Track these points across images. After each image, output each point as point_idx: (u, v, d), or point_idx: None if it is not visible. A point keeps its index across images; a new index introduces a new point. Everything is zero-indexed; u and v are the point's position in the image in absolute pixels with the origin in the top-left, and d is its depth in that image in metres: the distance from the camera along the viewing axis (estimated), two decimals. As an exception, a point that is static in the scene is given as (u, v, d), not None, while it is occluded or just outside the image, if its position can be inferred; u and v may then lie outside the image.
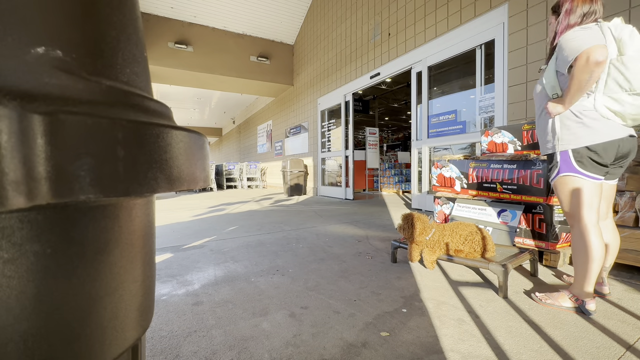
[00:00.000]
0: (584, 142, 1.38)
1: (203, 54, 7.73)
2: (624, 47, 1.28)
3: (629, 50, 1.27)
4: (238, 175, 11.33)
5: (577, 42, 1.31)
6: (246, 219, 4.15)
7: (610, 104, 1.33)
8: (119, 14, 0.36)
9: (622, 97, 1.29)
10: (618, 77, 1.29)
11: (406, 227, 2.01)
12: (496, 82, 3.56)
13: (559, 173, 1.47)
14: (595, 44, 1.25)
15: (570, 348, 1.15)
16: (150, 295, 0.43)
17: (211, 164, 10.64)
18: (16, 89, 0.24)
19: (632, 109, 1.29)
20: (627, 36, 1.28)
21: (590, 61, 1.25)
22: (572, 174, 1.43)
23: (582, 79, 1.29)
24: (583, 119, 1.38)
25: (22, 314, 0.27)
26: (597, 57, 1.23)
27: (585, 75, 1.28)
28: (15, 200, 0.22)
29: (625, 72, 1.26)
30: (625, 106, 1.30)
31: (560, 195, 1.50)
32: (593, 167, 1.39)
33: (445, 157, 2.86)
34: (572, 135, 1.41)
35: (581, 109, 1.39)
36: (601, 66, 1.25)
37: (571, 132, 1.41)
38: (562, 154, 1.45)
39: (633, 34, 1.28)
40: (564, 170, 1.45)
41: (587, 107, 1.38)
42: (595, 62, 1.24)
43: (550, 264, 2.05)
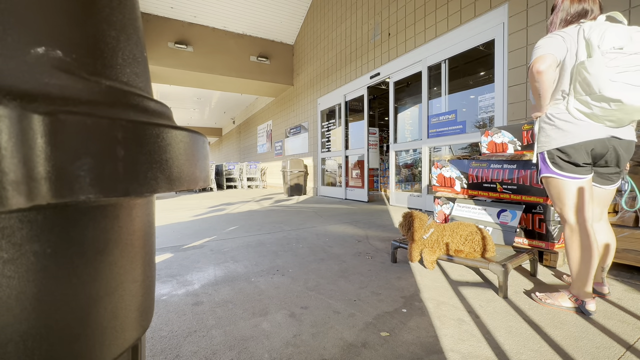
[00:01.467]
0: (555, 144, 1.42)
1: (203, 54, 7.73)
2: (591, 49, 1.27)
3: (594, 52, 1.26)
4: (238, 175, 11.33)
5: (535, 50, 1.40)
6: (246, 219, 4.15)
7: (580, 106, 1.35)
8: (119, 14, 0.36)
9: (588, 100, 1.30)
10: (582, 80, 1.30)
11: (405, 224, 2.04)
12: (496, 82, 3.56)
13: (540, 174, 1.53)
14: (543, 53, 1.34)
15: (570, 348, 1.15)
16: (150, 295, 0.43)
17: (211, 164, 10.64)
18: (16, 89, 0.24)
19: (600, 111, 1.29)
20: (596, 37, 1.26)
21: (532, 70, 1.36)
22: (551, 175, 1.46)
23: (533, 86, 1.41)
24: (555, 122, 1.42)
25: (22, 314, 0.27)
26: (537, 66, 1.34)
27: (534, 82, 1.39)
28: (15, 200, 0.22)
29: (586, 75, 1.26)
30: (592, 109, 1.30)
31: (549, 196, 1.54)
32: (569, 168, 1.41)
33: (445, 157, 2.86)
34: (546, 137, 1.46)
35: (555, 112, 1.43)
36: (542, 75, 1.33)
37: (546, 135, 1.46)
38: (540, 155, 1.51)
39: (604, 34, 1.25)
40: (544, 171, 1.50)
41: (561, 109, 1.41)
42: (537, 71, 1.34)
43: (550, 264, 2.05)
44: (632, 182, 1.73)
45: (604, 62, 1.22)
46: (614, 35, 1.25)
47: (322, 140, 7.65)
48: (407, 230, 2.02)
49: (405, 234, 2.06)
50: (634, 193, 1.80)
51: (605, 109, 1.26)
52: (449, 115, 4.32)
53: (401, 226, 2.07)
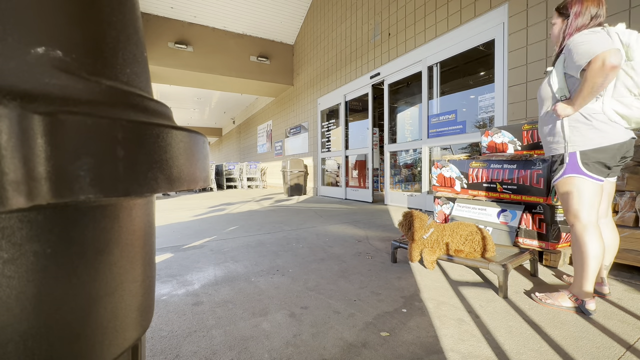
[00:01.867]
0: (592, 145, 1.40)
1: (203, 54, 7.73)
2: (632, 52, 1.29)
3: (636, 55, 1.29)
4: (238, 175, 11.33)
5: (590, 45, 1.31)
6: (246, 219, 4.15)
7: (619, 107, 1.35)
8: (119, 14, 0.36)
9: (631, 102, 1.32)
10: (627, 81, 1.31)
11: (405, 224, 2.04)
12: (496, 82, 3.56)
13: (565, 174, 1.48)
14: (610, 47, 1.26)
15: (570, 348, 1.15)
16: (150, 295, 0.43)
17: (211, 164, 10.64)
18: (16, 89, 0.24)
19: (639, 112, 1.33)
20: (635, 41, 1.29)
21: (605, 65, 1.25)
22: (578, 175, 1.44)
23: (596, 82, 1.29)
24: (592, 122, 1.40)
25: (22, 314, 0.27)
26: (612, 61, 1.24)
27: (600, 78, 1.28)
28: (15, 200, 0.22)
29: (635, 76, 1.29)
30: (633, 110, 1.33)
31: (564, 195, 1.51)
32: (597, 169, 1.41)
33: (445, 157, 2.86)
34: (581, 137, 1.43)
35: (590, 112, 1.41)
36: (616, 70, 1.26)
37: (580, 134, 1.43)
38: (571, 155, 1.46)
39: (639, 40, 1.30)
40: (570, 171, 1.46)
41: (596, 110, 1.40)
42: (611, 66, 1.24)
43: (550, 264, 2.05)
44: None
45: None
46: None
47: (322, 140, 7.65)
48: (407, 229, 2.03)
49: (405, 233, 2.06)
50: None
51: None
52: (448, 115, 4.32)
53: (401, 225, 2.07)
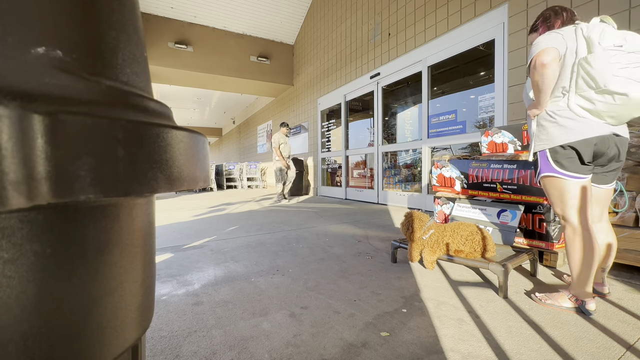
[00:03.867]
0: (558, 142, 1.40)
1: (203, 54, 7.73)
2: (592, 46, 1.30)
3: (596, 48, 1.28)
4: (238, 175, 11.33)
5: (535, 46, 1.39)
6: (246, 219, 4.15)
7: (583, 102, 1.35)
8: (119, 14, 0.36)
9: (591, 95, 1.30)
10: (585, 75, 1.30)
11: (405, 224, 2.04)
12: (496, 82, 3.56)
13: (540, 173, 1.50)
14: (543, 47, 1.33)
15: (570, 348, 1.15)
16: (150, 295, 0.43)
17: (211, 164, 10.64)
18: (16, 89, 0.24)
19: (603, 106, 1.30)
20: (596, 35, 1.29)
21: (537, 63, 1.33)
22: (552, 174, 1.45)
23: (536, 81, 1.38)
24: (557, 119, 1.41)
25: (22, 314, 0.27)
26: (541, 59, 1.32)
27: (537, 77, 1.36)
28: (15, 200, 0.22)
29: (590, 70, 1.27)
30: (596, 104, 1.31)
31: (547, 196, 1.53)
32: (572, 166, 1.40)
33: (445, 157, 2.86)
34: (547, 135, 1.44)
35: (555, 109, 1.42)
36: (547, 67, 1.32)
37: (546, 132, 1.44)
38: (540, 154, 1.48)
39: (604, 33, 1.29)
40: (544, 170, 1.47)
41: (562, 106, 1.40)
42: (541, 64, 1.32)
43: (550, 264, 2.05)
44: (621, 185, 1.75)
45: (606, 58, 1.23)
46: (612, 34, 1.28)
47: (322, 140, 7.64)
48: (407, 229, 2.03)
49: (404, 233, 2.06)
50: (623, 194, 1.83)
51: (609, 103, 1.27)
52: (448, 115, 4.32)
53: (402, 225, 2.08)
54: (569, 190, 1.41)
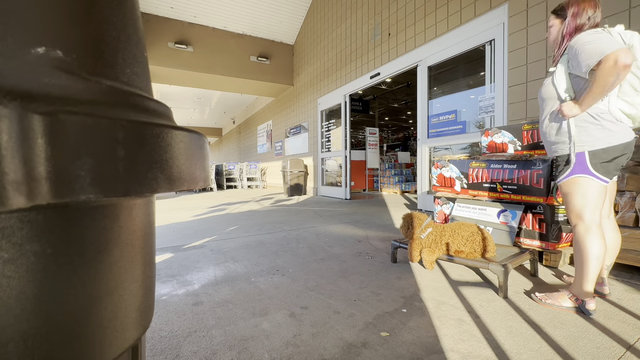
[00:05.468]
0: (601, 145, 1.39)
1: (203, 54, 7.73)
2: (636, 52, 1.31)
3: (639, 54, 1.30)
4: (238, 175, 11.33)
5: (599, 44, 1.30)
6: (246, 219, 4.15)
7: (624, 107, 1.36)
8: (119, 14, 0.36)
9: (636, 101, 1.33)
10: (633, 80, 1.32)
11: (404, 225, 2.05)
12: (496, 82, 3.56)
13: (572, 174, 1.46)
14: (620, 46, 1.26)
15: (570, 348, 1.15)
16: (150, 295, 0.43)
17: (211, 164, 10.64)
18: (16, 89, 0.24)
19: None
20: (638, 42, 1.31)
21: (618, 63, 1.24)
22: (585, 175, 1.43)
23: (607, 82, 1.28)
24: (601, 122, 1.39)
25: (22, 314, 0.27)
26: (625, 59, 1.24)
27: (612, 77, 1.27)
28: (15, 200, 0.22)
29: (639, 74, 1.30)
30: (638, 109, 1.34)
31: (568, 195, 1.49)
32: (604, 170, 1.40)
33: (445, 157, 2.86)
34: (589, 137, 1.41)
35: (598, 111, 1.40)
36: (628, 69, 1.25)
37: (589, 134, 1.41)
38: (578, 155, 1.44)
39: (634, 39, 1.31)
40: (578, 171, 1.44)
41: (603, 109, 1.39)
42: (624, 65, 1.24)
43: (551, 264, 2.05)
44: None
45: None
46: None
47: (322, 140, 7.64)
48: (407, 229, 2.03)
49: (405, 234, 2.06)
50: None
51: None
52: (448, 115, 4.32)
53: (401, 227, 2.08)
54: (595, 191, 1.42)
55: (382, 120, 14.86)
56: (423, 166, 4.66)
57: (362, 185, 8.97)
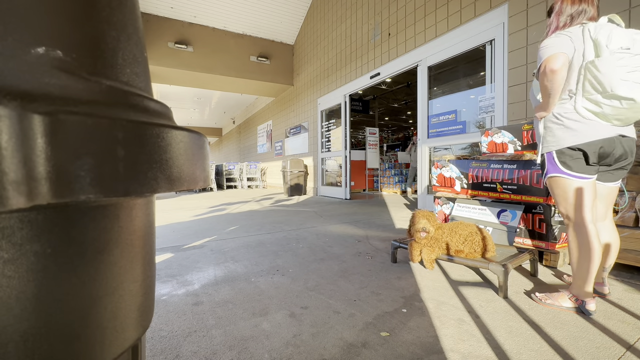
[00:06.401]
0: (564, 144, 1.41)
1: (203, 54, 7.73)
2: (599, 49, 1.29)
3: (604, 51, 1.27)
4: (238, 175, 11.33)
5: (545, 50, 1.38)
6: (246, 219, 4.15)
7: (589, 105, 1.34)
8: (119, 14, 0.36)
9: (598, 99, 1.30)
10: (592, 79, 1.30)
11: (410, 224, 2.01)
12: (496, 82, 3.56)
13: (547, 174, 1.51)
14: (553, 52, 1.33)
15: (570, 348, 1.15)
16: (150, 295, 0.43)
17: (211, 164, 10.64)
18: (16, 89, 0.24)
19: (610, 110, 1.29)
20: (604, 37, 1.28)
21: (546, 69, 1.33)
22: (559, 175, 1.45)
23: (544, 86, 1.38)
24: (563, 121, 1.41)
25: (22, 314, 0.27)
26: (551, 65, 1.32)
27: (545, 82, 1.36)
28: (15, 200, 0.22)
29: (597, 74, 1.27)
30: (603, 107, 1.31)
31: (553, 195, 1.53)
32: (578, 167, 1.40)
33: (445, 157, 2.86)
34: (553, 137, 1.44)
35: (562, 111, 1.42)
36: (557, 74, 1.32)
37: (553, 134, 1.45)
38: (547, 155, 1.49)
39: (611, 35, 1.27)
40: (551, 171, 1.48)
41: (568, 109, 1.40)
42: (550, 70, 1.32)
43: (550, 264, 2.05)
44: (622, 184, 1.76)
45: (614, 61, 1.23)
46: (620, 36, 1.26)
47: (322, 140, 7.64)
48: (410, 227, 2.01)
49: (408, 233, 2.04)
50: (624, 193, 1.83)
51: (616, 107, 1.27)
52: (448, 115, 4.32)
53: (408, 227, 2.06)
54: (574, 190, 1.42)
55: (382, 120, 14.86)
56: (423, 166, 4.66)
57: (362, 185, 8.97)
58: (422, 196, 4.72)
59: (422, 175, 4.69)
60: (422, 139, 4.68)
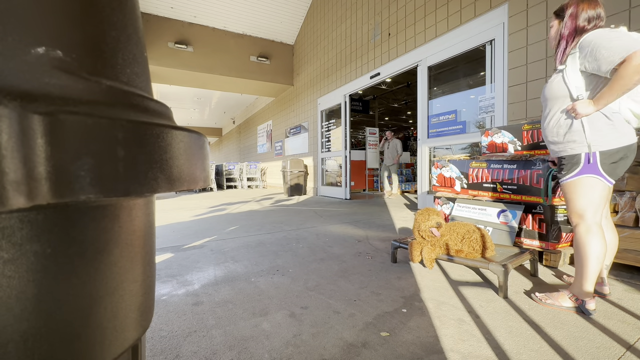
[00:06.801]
0: (612, 145, 1.37)
1: (203, 54, 7.73)
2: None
3: None
4: (238, 175, 11.33)
5: (621, 42, 1.26)
6: (246, 219, 4.15)
7: (634, 106, 1.35)
8: (119, 14, 0.36)
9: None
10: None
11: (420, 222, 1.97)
12: (496, 82, 3.56)
13: (580, 174, 1.43)
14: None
15: (570, 348, 1.15)
16: (150, 295, 0.43)
17: (211, 164, 10.64)
18: (16, 89, 0.24)
19: None
20: None
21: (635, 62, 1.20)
22: (593, 176, 1.40)
23: (632, 80, 1.24)
24: (614, 122, 1.37)
25: (22, 314, 0.27)
26: None
27: (637, 76, 1.23)
28: (15, 200, 0.22)
29: None
30: None
31: (572, 194, 1.47)
32: (611, 170, 1.39)
33: (445, 157, 2.86)
34: (603, 137, 1.38)
35: (610, 111, 1.38)
36: None
37: (602, 134, 1.38)
38: (587, 155, 1.42)
39: None
40: (587, 171, 1.42)
41: (614, 109, 1.38)
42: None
43: (550, 264, 2.05)
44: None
45: None
46: None
47: (322, 140, 7.64)
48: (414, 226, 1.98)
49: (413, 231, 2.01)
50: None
51: None
52: (448, 115, 4.32)
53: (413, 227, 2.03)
54: (600, 192, 1.40)
55: (382, 120, 14.86)
56: (423, 166, 4.66)
57: (362, 185, 8.96)
58: (422, 196, 4.72)
59: (422, 175, 4.69)
60: (422, 139, 4.68)
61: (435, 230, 1.85)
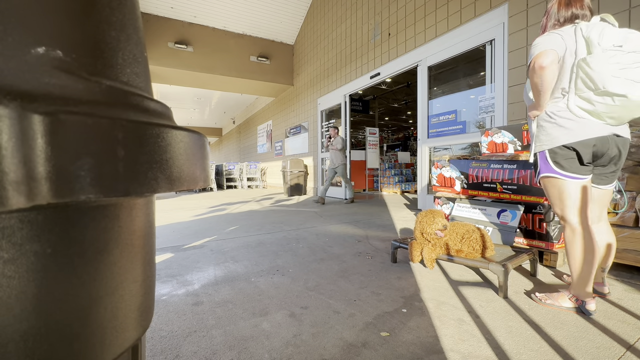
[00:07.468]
0: (557, 142, 1.40)
1: (203, 54, 7.74)
2: (591, 47, 1.28)
3: (595, 49, 1.27)
4: (238, 175, 11.33)
5: (534, 48, 1.38)
6: (246, 219, 4.15)
7: (582, 103, 1.33)
8: (119, 14, 0.36)
9: (591, 97, 1.29)
10: (584, 77, 1.29)
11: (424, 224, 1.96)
12: (496, 82, 3.56)
13: (540, 174, 1.50)
14: (542, 49, 1.33)
15: (570, 348, 1.15)
16: (150, 295, 0.43)
17: (211, 164, 10.64)
18: (16, 89, 0.24)
19: (603, 107, 1.28)
20: (595, 35, 1.27)
21: (535, 66, 1.33)
22: (552, 175, 1.44)
23: (535, 83, 1.37)
24: (556, 120, 1.40)
25: (22, 314, 0.27)
26: (540, 62, 1.32)
27: (536, 79, 1.36)
28: (15, 200, 0.22)
29: (589, 71, 1.26)
30: (595, 105, 1.30)
31: (547, 196, 1.52)
32: (571, 167, 1.39)
33: (445, 157, 2.86)
34: (547, 136, 1.43)
35: (555, 109, 1.41)
36: (546, 70, 1.31)
37: (546, 133, 1.43)
38: (540, 155, 1.48)
39: (603, 33, 1.26)
40: (544, 170, 1.47)
41: (561, 107, 1.39)
42: (539, 67, 1.32)
43: (550, 264, 2.05)
44: (620, 184, 1.75)
45: (605, 59, 1.22)
46: (612, 33, 1.26)
47: (322, 140, 7.64)
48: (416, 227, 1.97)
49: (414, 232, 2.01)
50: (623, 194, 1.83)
51: (609, 104, 1.26)
52: (448, 115, 4.32)
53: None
54: (568, 190, 1.41)
55: (382, 120, 14.86)
56: (423, 166, 4.66)
57: (362, 185, 8.96)
58: (421, 196, 4.72)
59: (422, 175, 4.69)
60: (422, 139, 4.68)
61: (439, 232, 1.86)
